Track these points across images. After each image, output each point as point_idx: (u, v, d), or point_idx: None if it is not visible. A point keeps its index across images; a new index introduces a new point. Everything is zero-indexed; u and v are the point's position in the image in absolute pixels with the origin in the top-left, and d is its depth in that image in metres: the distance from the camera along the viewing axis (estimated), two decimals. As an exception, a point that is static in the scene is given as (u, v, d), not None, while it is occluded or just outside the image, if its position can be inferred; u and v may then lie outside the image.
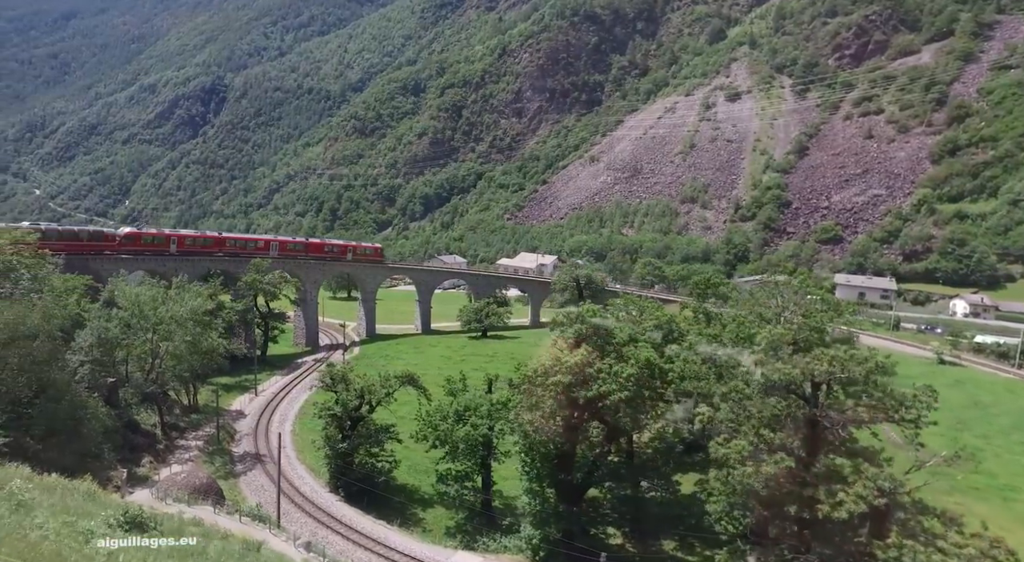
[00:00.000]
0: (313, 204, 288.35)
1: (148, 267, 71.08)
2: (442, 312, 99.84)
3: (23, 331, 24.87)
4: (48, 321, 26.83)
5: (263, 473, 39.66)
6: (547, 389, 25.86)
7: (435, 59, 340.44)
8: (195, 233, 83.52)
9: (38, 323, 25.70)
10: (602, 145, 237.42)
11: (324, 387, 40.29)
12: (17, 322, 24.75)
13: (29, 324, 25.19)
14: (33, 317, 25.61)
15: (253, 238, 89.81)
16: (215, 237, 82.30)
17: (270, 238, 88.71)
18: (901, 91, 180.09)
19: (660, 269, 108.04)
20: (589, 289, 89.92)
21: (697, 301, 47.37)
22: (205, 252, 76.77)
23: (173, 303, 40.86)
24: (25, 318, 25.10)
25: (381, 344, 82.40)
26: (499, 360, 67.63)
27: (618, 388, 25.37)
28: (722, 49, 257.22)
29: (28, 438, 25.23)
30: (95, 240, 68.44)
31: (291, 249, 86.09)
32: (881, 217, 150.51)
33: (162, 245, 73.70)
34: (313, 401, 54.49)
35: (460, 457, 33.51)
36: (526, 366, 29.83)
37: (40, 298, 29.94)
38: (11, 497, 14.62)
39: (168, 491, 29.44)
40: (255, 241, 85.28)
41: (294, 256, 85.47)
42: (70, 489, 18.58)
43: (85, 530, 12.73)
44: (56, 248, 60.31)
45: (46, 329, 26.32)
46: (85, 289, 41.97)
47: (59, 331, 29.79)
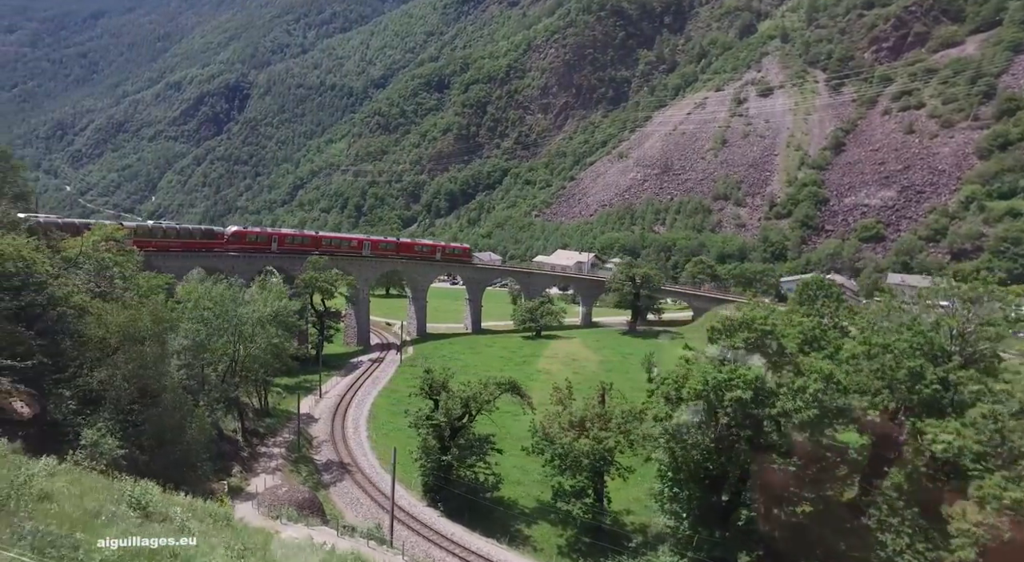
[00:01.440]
0: (338, 200, 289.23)
1: (248, 264, 74.24)
2: (486, 311, 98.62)
3: (134, 334, 24.09)
4: (158, 323, 26.02)
5: (353, 484, 38.24)
6: (722, 405, 23.64)
7: (458, 55, 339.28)
8: (294, 232, 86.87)
9: (148, 325, 24.90)
10: (630, 141, 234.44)
11: (424, 394, 38.46)
12: (129, 325, 23.97)
13: (140, 327, 24.40)
14: (144, 319, 24.81)
15: (347, 237, 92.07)
16: (312, 236, 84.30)
17: (363, 237, 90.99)
18: (944, 84, 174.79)
19: (712, 268, 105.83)
20: (647, 288, 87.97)
21: (806, 305, 44.68)
22: (303, 250, 78.32)
23: (256, 303, 39.93)
24: (136, 320, 24.32)
25: (434, 344, 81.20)
26: (559, 361, 66.32)
27: (804, 406, 23.59)
28: (752, 43, 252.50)
29: (136, 449, 24.36)
30: (207, 238, 71.33)
31: (382, 249, 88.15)
32: (925, 214, 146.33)
33: (264, 243, 76.51)
34: (380, 404, 53.47)
35: (576, 472, 31.84)
36: (663, 376, 28.09)
37: (145, 299, 29.20)
38: (181, 531, 13.43)
39: (272, 506, 28.18)
40: (349, 240, 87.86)
41: (384, 255, 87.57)
42: (213, 515, 17.16)
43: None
44: (173, 246, 65.60)
45: (155, 332, 25.51)
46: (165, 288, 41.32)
47: (167, 334, 29.06)
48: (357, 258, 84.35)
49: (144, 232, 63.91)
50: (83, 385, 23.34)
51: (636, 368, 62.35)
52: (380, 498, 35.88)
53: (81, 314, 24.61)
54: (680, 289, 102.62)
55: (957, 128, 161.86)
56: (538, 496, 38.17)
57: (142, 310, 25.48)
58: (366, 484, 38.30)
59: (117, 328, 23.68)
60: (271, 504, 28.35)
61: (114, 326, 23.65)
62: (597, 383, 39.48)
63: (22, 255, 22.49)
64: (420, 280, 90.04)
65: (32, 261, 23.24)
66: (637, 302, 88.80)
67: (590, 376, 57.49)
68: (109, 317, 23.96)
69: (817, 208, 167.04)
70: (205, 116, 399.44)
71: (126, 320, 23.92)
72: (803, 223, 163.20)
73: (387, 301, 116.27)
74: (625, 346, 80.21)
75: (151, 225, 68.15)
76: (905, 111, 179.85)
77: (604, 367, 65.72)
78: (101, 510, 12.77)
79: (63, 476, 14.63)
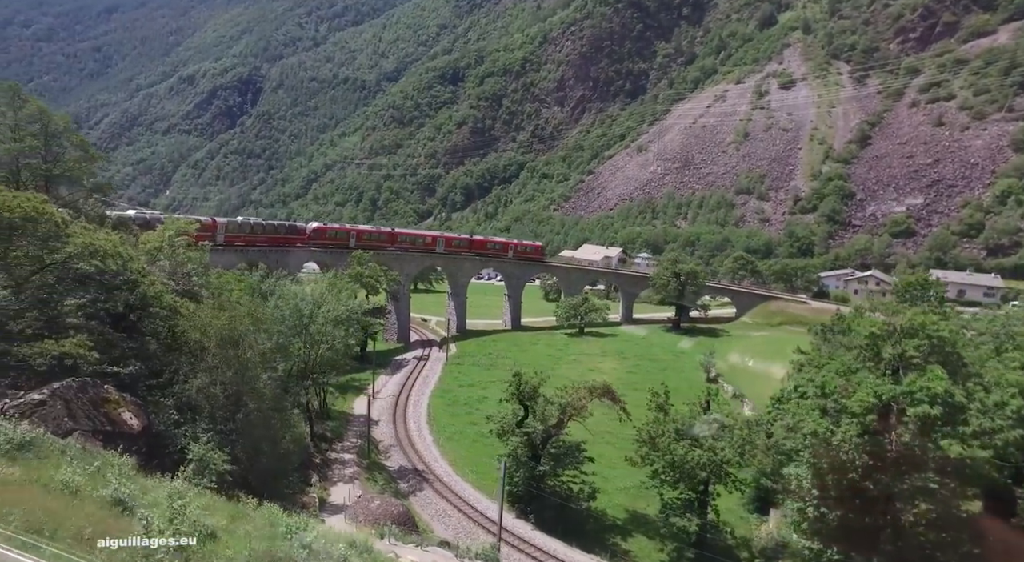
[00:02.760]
0: (353, 194, 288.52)
1: (319, 259, 76.07)
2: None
3: (231, 337, 22.90)
4: (257, 326, 24.84)
5: (435, 494, 36.38)
6: (901, 421, 21.78)
7: (473, 48, 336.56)
8: (371, 228, 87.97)
9: (247, 328, 23.71)
10: (649, 135, 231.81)
11: (515, 400, 36.22)
12: (226, 328, 22.77)
13: (241, 329, 23.22)
14: (243, 321, 23.62)
15: (421, 234, 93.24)
16: (388, 232, 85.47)
17: (436, 234, 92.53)
18: (975, 75, 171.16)
19: (752, 263, 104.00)
20: (693, 284, 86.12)
21: (908, 303, 42.64)
22: (378, 246, 79.64)
23: (329, 302, 38.50)
24: (235, 323, 23.11)
25: (477, 341, 79.71)
26: (611, 359, 64.80)
27: (1005, 425, 21.94)
28: (773, 35, 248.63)
29: (233, 459, 23.22)
30: (291, 233, 72.92)
31: (455, 246, 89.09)
32: (958, 209, 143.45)
33: (343, 239, 77.45)
34: (436, 405, 52.05)
35: (690, 484, 29.97)
36: (801, 385, 26.36)
37: (217, 297, 28.03)
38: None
39: (368, 521, 26.33)
40: (423, 237, 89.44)
41: (457, 252, 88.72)
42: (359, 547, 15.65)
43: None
44: (259, 241, 67.73)
45: (252, 334, 24.34)
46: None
47: (265, 335, 27.84)
48: (407, 254, 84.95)
49: (234, 228, 66.05)
50: (180, 393, 22.22)
51: (691, 367, 60.97)
52: (467, 509, 34.19)
53: (171, 315, 23.42)
54: (724, 285, 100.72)
55: (990, 120, 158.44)
56: (627, 506, 36.46)
57: (241, 311, 24.22)
58: (447, 493, 36.51)
59: (215, 331, 22.45)
60: (366, 519, 26.78)
61: (212, 329, 22.44)
62: (657, 383, 38.01)
63: (119, 252, 21.40)
64: (460, 275, 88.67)
65: (129, 258, 22.04)
66: (681, 299, 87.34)
67: (645, 376, 56.07)
68: (204, 318, 22.71)
69: (843, 202, 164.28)
70: (218, 110, 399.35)
71: (225, 323, 22.67)
72: (829, 218, 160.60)
73: (418, 297, 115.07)
74: (673, 344, 78.37)
75: (240, 221, 69.92)
76: (934, 103, 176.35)
77: (658, 366, 64.03)
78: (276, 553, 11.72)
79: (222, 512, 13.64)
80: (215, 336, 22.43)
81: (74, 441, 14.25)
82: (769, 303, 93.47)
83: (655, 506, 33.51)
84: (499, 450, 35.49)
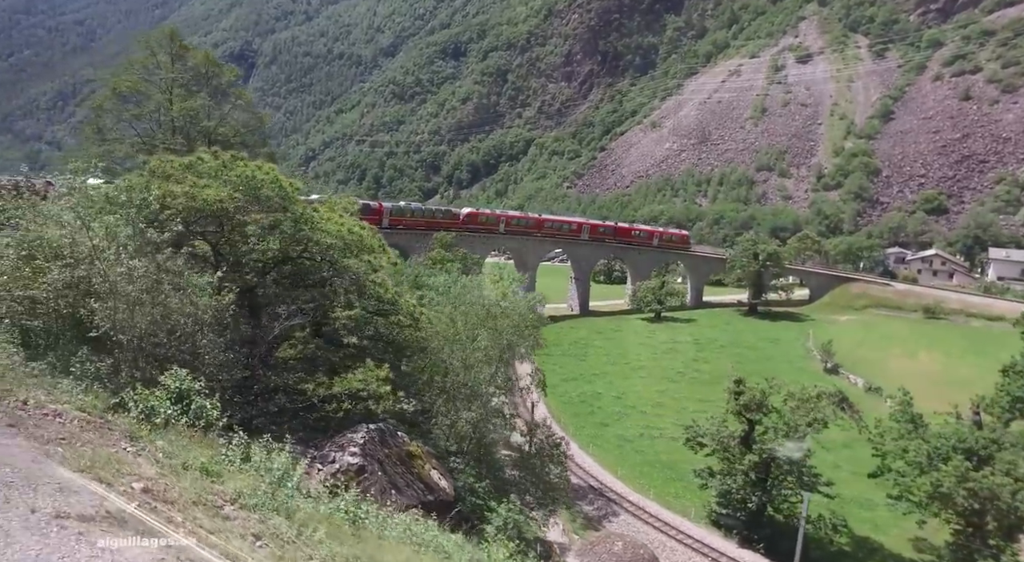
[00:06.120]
0: (355, 172, 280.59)
1: (394, 242, 74.78)
2: (551, 286, 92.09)
3: (455, 337, 17.91)
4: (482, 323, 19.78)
5: (633, 518, 31.04)
6: None
7: (474, 22, 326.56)
8: (520, 214, 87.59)
9: (475, 321, 18.72)
10: (662, 110, 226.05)
11: (740, 414, 30.69)
12: (449, 329, 17.73)
13: (471, 345, 18.20)
14: (473, 332, 18.51)
15: (568, 220, 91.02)
16: (535, 218, 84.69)
17: (582, 221, 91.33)
18: (1003, 46, 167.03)
19: (817, 242, 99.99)
20: (774, 265, 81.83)
21: None
22: (525, 232, 79.30)
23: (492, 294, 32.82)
24: (455, 322, 18.03)
25: (551, 328, 73.32)
26: (708, 349, 59.33)
27: None
28: (788, 7, 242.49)
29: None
30: (447, 218, 73.25)
31: (601, 233, 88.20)
32: (992, 185, 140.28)
33: (493, 225, 77.47)
34: (552, 404, 46.58)
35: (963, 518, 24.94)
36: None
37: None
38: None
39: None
40: (569, 223, 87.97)
41: (602, 239, 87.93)
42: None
43: None
44: (419, 225, 69.28)
45: (476, 351, 19.09)
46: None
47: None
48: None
49: (397, 212, 68.49)
50: (447, 433, 17.11)
51: (796, 356, 56.18)
52: (688, 541, 29.44)
53: (413, 323, 17.52)
54: (804, 268, 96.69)
55: (1021, 93, 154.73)
56: (883, 542, 30.09)
57: (472, 317, 18.77)
58: (645, 516, 31.62)
59: (458, 349, 16.93)
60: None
61: (456, 346, 16.84)
62: (767, 375, 33.46)
63: (371, 245, 16.30)
64: (530, 257, 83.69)
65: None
66: (760, 281, 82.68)
67: (753, 367, 51.02)
68: (444, 330, 17.23)
69: (870, 179, 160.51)
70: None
71: (446, 323, 17.30)
72: (856, 195, 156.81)
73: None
74: (761, 330, 72.83)
75: (403, 205, 71.77)
76: (959, 76, 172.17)
77: (760, 355, 58.61)
78: None
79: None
80: (459, 357, 17.36)
81: (408, 518, 9.25)
82: (849, 285, 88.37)
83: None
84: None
